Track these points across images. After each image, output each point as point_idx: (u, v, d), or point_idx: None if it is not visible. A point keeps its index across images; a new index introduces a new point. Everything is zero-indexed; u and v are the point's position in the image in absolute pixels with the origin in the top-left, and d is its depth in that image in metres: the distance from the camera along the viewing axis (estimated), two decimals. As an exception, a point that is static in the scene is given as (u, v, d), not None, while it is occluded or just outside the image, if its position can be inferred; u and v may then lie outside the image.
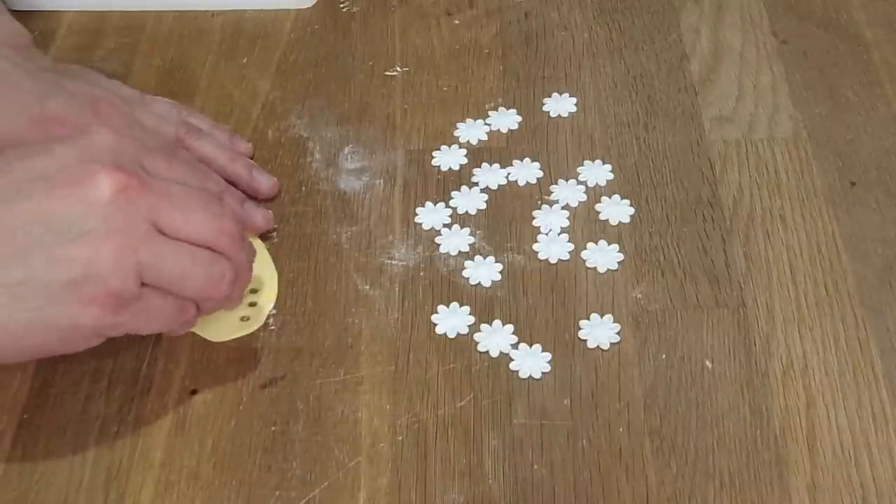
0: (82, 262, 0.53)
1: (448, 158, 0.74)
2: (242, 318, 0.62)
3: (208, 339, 0.62)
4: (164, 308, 0.56)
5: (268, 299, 0.63)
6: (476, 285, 0.67)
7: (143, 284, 0.55)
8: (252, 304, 0.63)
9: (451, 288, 0.67)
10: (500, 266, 0.68)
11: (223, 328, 0.62)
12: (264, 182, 0.71)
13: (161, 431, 0.60)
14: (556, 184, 0.72)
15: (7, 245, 0.53)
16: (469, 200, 0.71)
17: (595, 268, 0.67)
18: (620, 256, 0.68)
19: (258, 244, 0.66)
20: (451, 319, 0.65)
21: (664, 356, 0.63)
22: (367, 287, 0.67)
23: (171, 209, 0.55)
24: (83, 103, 0.67)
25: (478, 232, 0.70)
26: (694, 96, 0.78)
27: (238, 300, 0.60)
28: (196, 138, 0.71)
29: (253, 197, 0.71)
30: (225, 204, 0.58)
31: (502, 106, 0.77)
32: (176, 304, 0.56)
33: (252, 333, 0.64)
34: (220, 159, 0.71)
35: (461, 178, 0.73)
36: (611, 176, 0.72)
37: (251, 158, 0.74)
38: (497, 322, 0.65)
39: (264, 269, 0.64)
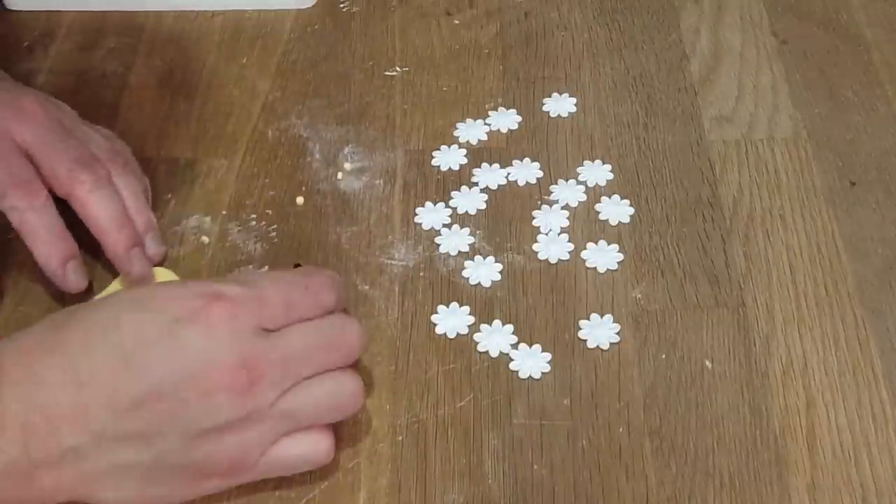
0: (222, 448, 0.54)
1: (448, 158, 0.74)
2: None
3: None
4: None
5: None
6: (476, 285, 0.67)
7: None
8: None
9: (451, 288, 0.67)
10: (500, 266, 0.67)
11: None
12: (153, 247, 0.67)
13: (161, 431, 0.60)
14: (556, 184, 0.72)
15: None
16: (469, 200, 0.71)
17: (595, 268, 0.67)
18: (620, 256, 0.68)
19: (167, 273, 0.66)
20: (451, 319, 0.65)
21: (664, 356, 0.63)
22: (367, 287, 0.67)
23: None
24: (11, 102, 0.66)
25: (478, 232, 0.70)
26: (694, 96, 0.78)
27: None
28: (117, 171, 0.67)
29: None
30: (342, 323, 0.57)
31: (502, 106, 0.77)
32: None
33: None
34: (127, 202, 0.67)
35: (461, 178, 0.73)
36: (611, 176, 0.72)
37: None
38: (497, 322, 0.65)
39: None
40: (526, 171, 0.73)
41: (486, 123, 0.76)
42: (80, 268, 0.65)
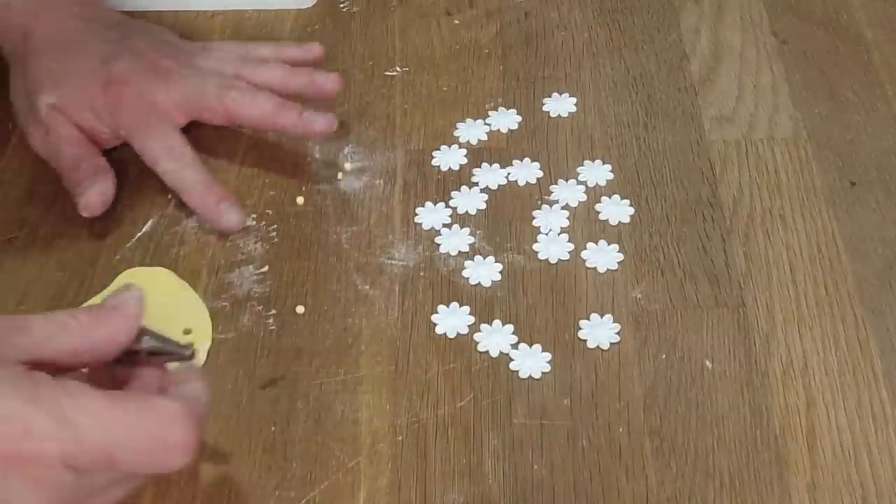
0: None
1: (448, 158, 0.74)
2: None
3: None
4: None
5: (203, 339, 0.63)
6: (476, 285, 0.67)
7: None
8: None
9: (451, 288, 0.67)
10: (500, 266, 0.67)
11: None
12: (325, 83, 0.74)
13: (161, 431, 0.60)
14: (556, 184, 0.72)
15: None
16: (469, 200, 0.71)
17: (595, 268, 0.67)
18: (620, 256, 0.68)
19: (182, 284, 0.66)
20: (451, 319, 0.65)
21: (664, 356, 0.63)
22: (367, 287, 0.67)
23: None
24: (146, 64, 0.71)
25: (478, 232, 0.70)
26: (694, 96, 0.78)
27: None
28: (252, 70, 0.74)
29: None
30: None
31: (502, 106, 0.77)
32: None
33: (252, 334, 0.64)
34: (276, 83, 0.73)
35: (461, 178, 0.73)
36: (611, 176, 0.72)
37: (320, 55, 0.77)
38: (497, 322, 0.65)
39: (194, 310, 0.65)
40: (526, 171, 0.73)
41: (486, 123, 0.76)
42: (235, 206, 0.70)
